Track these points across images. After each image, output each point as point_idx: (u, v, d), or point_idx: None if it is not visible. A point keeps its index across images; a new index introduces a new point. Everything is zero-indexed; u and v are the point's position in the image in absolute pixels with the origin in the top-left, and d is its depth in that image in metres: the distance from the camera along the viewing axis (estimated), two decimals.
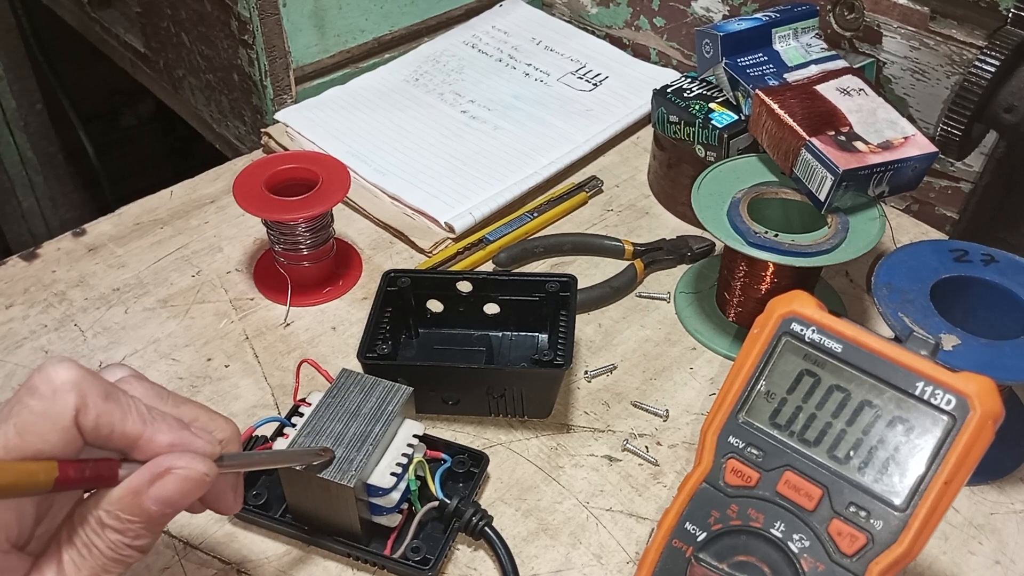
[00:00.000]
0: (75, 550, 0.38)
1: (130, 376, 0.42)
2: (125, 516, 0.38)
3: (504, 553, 0.53)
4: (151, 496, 0.38)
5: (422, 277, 0.66)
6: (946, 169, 0.79)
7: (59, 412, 0.37)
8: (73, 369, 0.37)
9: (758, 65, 0.71)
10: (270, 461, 0.50)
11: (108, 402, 0.38)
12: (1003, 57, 0.60)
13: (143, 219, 0.80)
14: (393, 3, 0.95)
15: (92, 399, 0.37)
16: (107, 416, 0.38)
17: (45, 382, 0.37)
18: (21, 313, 0.71)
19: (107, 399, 0.38)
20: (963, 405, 0.42)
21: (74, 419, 0.37)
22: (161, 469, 0.39)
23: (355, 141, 0.86)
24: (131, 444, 0.39)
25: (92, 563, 0.38)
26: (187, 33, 0.97)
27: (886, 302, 0.56)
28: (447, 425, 0.63)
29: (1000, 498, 0.59)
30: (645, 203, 0.82)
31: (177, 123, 1.24)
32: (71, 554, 0.38)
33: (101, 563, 0.38)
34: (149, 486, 0.38)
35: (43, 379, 0.37)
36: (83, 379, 0.37)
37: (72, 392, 0.37)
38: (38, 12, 1.43)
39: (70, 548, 0.38)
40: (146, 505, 0.38)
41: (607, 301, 0.72)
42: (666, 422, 0.63)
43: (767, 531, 0.44)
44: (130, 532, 0.38)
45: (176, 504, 0.39)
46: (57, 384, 0.37)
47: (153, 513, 0.38)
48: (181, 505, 0.39)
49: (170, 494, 0.39)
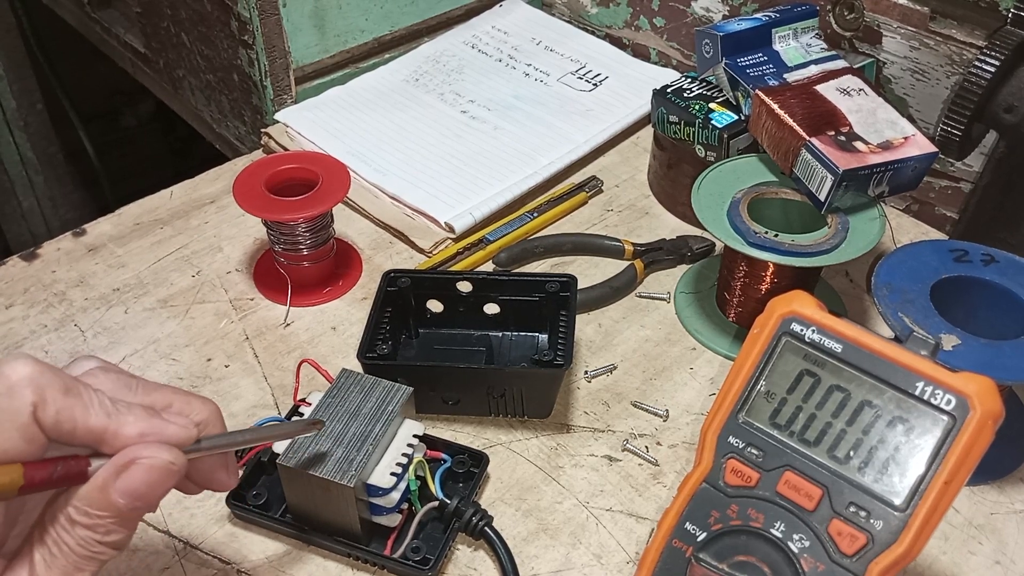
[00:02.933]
0: (46, 549, 0.38)
1: (96, 368, 0.41)
2: (94, 512, 0.37)
3: (504, 553, 0.53)
4: (118, 489, 0.37)
5: (422, 277, 0.66)
6: (946, 169, 0.79)
7: (16, 409, 0.36)
8: (29, 365, 0.36)
9: (758, 65, 0.71)
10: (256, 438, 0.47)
11: (68, 396, 0.37)
12: (1003, 57, 0.60)
13: (143, 219, 0.80)
14: (393, 3, 0.95)
15: (50, 394, 0.36)
16: (68, 411, 0.37)
17: (1, 379, 0.36)
18: (21, 313, 0.71)
19: (67, 394, 0.37)
20: (963, 405, 0.42)
21: (32, 415, 0.36)
22: (127, 460, 0.38)
23: (355, 141, 0.86)
24: (97, 438, 0.38)
25: (63, 561, 0.37)
26: (187, 33, 0.97)
27: (886, 302, 0.56)
28: (447, 425, 0.63)
29: (1000, 498, 0.59)
30: (645, 203, 0.82)
31: (177, 123, 1.24)
32: (42, 553, 0.38)
33: (72, 561, 0.37)
34: (115, 479, 0.37)
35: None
36: (40, 374, 0.36)
37: (28, 388, 0.36)
38: (38, 12, 1.43)
39: (41, 547, 0.38)
40: (113, 499, 0.37)
41: (607, 301, 0.72)
42: (666, 422, 0.63)
43: (767, 531, 0.44)
44: (100, 528, 0.38)
45: (145, 496, 0.38)
46: (13, 381, 0.36)
47: (122, 507, 0.38)
48: (151, 497, 0.38)
49: (136, 486, 0.38)
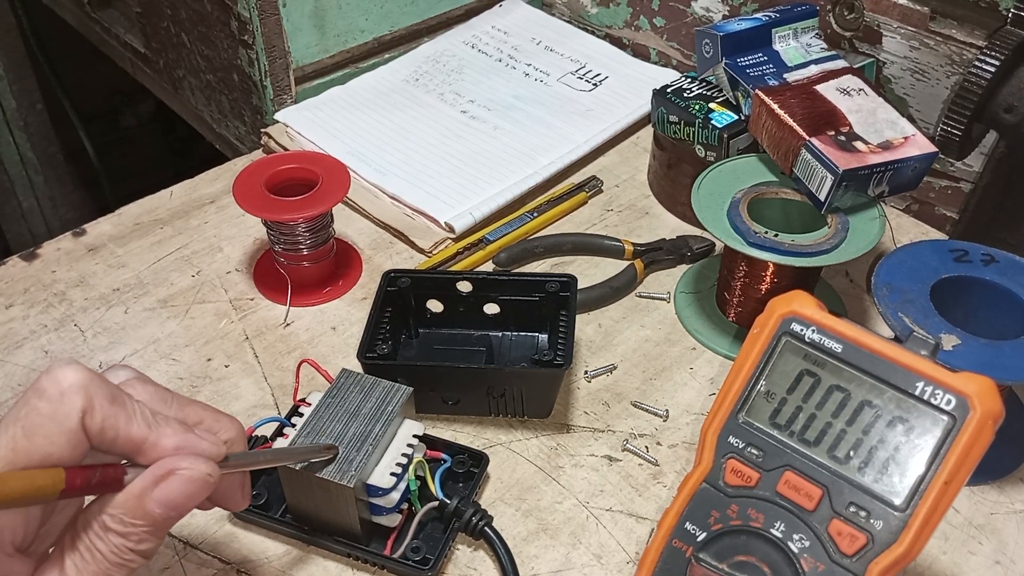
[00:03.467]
0: (78, 554, 0.38)
1: (134, 379, 0.42)
2: (129, 519, 0.38)
3: (504, 553, 0.53)
4: (155, 498, 0.38)
5: (422, 277, 0.66)
6: (946, 169, 0.79)
7: (66, 414, 0.37)
8: (81, 372, 0.37)
9: (758, 65, 0.71)
10: (275, 460, 0.50)
11: (114, 405, 0.38)
12: (1003, 57, 0.60)
13: (143, 219, 0.80)
14: (393, 3, 0.95)
15: (99, 402, 0.37)
16: (113, 419, 0.38)
17: (52, 384, 0.37)
18: (21, 313, 0.71)
19: (113, 402, 0.38)
20: (963, 405, 0.42)
21: (80, 422, 0.37)
22: (165, 471, 0.39)
23: (355, 141, 0.85)
24: (136, 448, 0.39)
25: (94, 567, 0.38)
26: (187, 33, 0.97)
27: (886, 302, 0.56)
28: (447, 425, 0.63)
29: (1000, 498, 0.59)
30: (645, 203, 0.82)
31: (177, 123, 1.24)
32: (74, 559, 0.38)
33: (104, 568, 0.38)
34: (153, 489, 0.38)
35: (51, 381, 0.37)
36: (90, 382, 0.37)
37: (79, 395, 0.37)
38: (38, 12, 1.43)
39: (73, 553, 0.38)
40: (150, 508, 0.38)
41: (607, 301, 0.72)
42: (666, 422, 0.63)
43: (767, 531, 0.44)
44: (133, 536, 0.38)
45: (180, 507, 0.39)
46: (64, 387, 0.37)
47: (157, 516, 0.38)
48: (186, 507, 0.39)
49: (174, 496, 0.39)
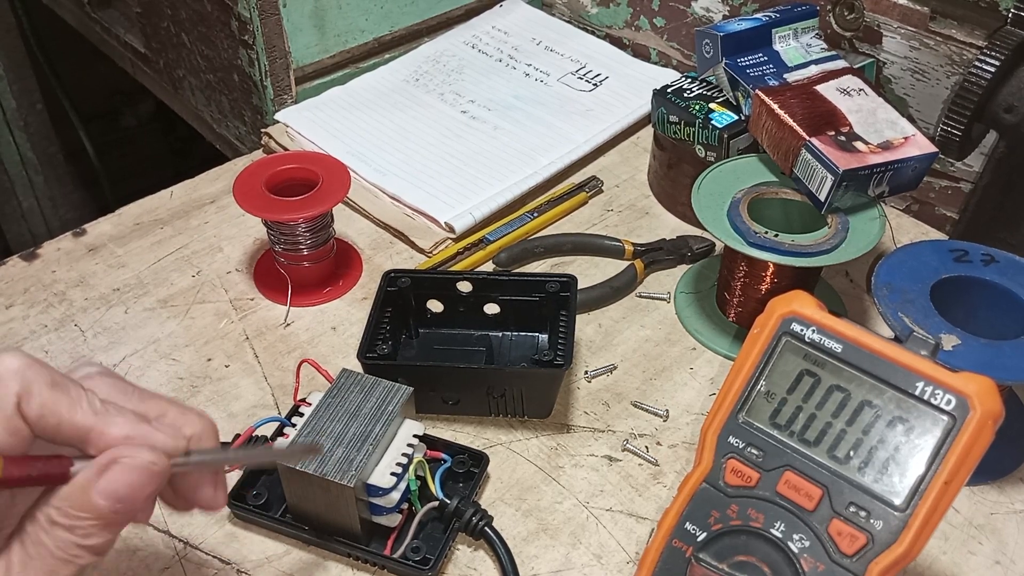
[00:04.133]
0: (24, 549, 0.37)
1: (96, 372, 0.40)
2: (74, 512, 0.37)
3: (504, 553, 0.53)
4: (99, 489, 0.37)
5: (422, 277, 0.66)
6: (946, 169, 0.78)
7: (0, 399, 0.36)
8: (19, 358, 0.36)
9: (758, 65, 0.71)
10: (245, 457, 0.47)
11: (55, 391, 0.37)
12: (1003, 57, 0.60)
13: (143, 219, 0.80)
14: (393, 3, 0.95)
15: (37, 387, 0.36)
16: (53, 405, 0.36)
17: None
18: (21, 313, 0.71)
19: (54, 388, 0.37)
20: (963, 405, 0.42)
21: (16, 407, 0.36)
22: (107, 460, 0.37)
23: (355, 141, 0.85)
24: (82, 437, 0.37)
25: (39, 563, 0.37)
26: (187, 33, 0.97)
27: (886, 302, 0.56)
28: (447, 425, 0.63)
29: (1000, 498, 0.59)
30: (645, 203, 0.82)
31: (177, 123, 1.24)
32: (20, 553, 0.37)
33: (49, 564, 0.37)
34: (97, 479, 0.37)
35: None
36: (28, 367, 0.36)
37: (14, 379, 0.36)
38: (38, 12, 1.43)
39: (20, 547, 0.37)
40: (94, 499, 0.37)
41: (607, 301, 0.72)
42: (666, 422, 0.63)
43: (767, 531, 0.44)
44: (79, 530, 0.37)
45: (126, 498, 0.37)
46: (0, 372, 0.36)
47: (103, 508, 0.37)
48: (133, 499, 0.37)
49: (116, 486, 0.37)
